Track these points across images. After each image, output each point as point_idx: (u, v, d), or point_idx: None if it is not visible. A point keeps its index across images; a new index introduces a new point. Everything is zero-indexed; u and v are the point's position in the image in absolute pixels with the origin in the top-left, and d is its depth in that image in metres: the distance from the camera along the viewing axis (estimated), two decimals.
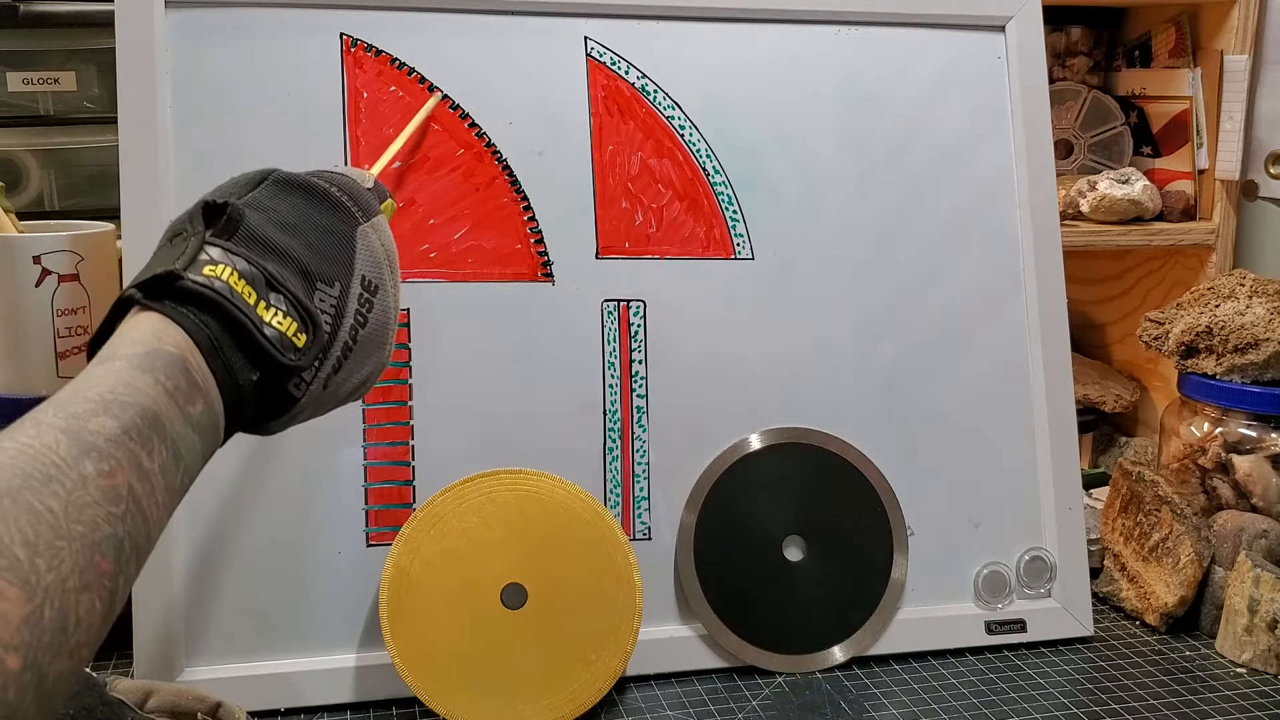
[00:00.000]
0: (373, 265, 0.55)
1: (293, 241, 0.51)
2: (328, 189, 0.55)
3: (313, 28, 0.80)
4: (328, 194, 0.55)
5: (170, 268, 0.46)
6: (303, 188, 0.54)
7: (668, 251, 0.84)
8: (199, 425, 0.44)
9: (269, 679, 0.75)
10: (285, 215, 0.52)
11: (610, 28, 0.84)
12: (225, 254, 0.48)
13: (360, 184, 0.59)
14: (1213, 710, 0.76)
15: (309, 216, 0.53)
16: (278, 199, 0.53)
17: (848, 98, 0.88)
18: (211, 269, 0.47)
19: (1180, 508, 0.87)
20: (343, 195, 0.56)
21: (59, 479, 0.37)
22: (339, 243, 0.54)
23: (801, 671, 0.81)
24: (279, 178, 0.55)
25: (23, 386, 0.79)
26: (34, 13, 0.91)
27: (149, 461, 0.41)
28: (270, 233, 0.50)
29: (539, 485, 0.77)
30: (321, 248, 0.52)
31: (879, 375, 0.86)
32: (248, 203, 0.51)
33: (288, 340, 0.48)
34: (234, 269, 0.48)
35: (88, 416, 0.39)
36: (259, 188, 0.53)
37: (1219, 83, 1.13)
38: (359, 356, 0.53)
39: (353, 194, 0.56)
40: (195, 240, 0.48)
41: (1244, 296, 0.96)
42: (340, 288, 0.52)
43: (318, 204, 0.54)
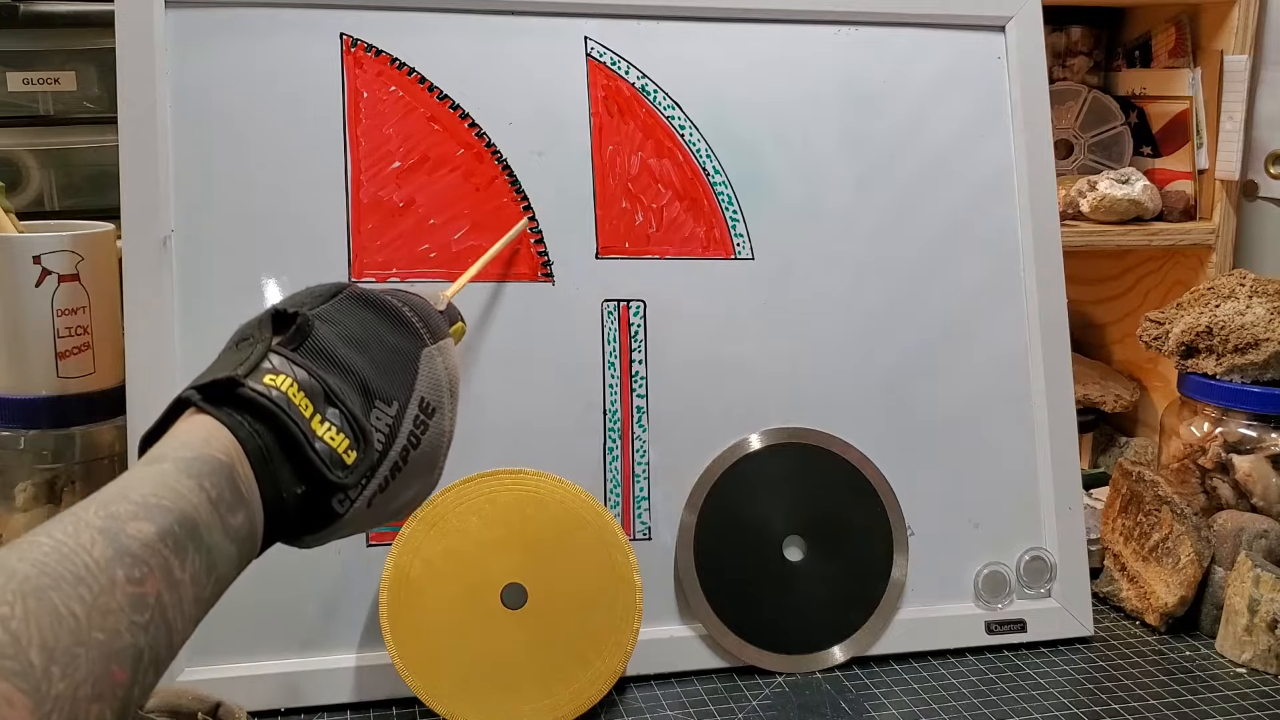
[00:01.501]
0: (433, 388, 0.55)
1: (357, 357, 0.51)
2: (399, 308, 0.55)
3: (313, 28, 0.80)
4: (399, 313, 0.55)
5: (231, 373, 0.46)
6: (375, 304, 0.55)
7: (668, 251, 0.84)
8: (237, 535, 0.44)
9: (269, 679, 0.75)
10: (354, 330, 0.52)
11: (610, 28, 0.84)
12: (287, 363, 0.48)
13: (432, 305, 0.59)
14: (1213, 710, 0.76)
15: (377, 333, 0.53)
16: (349, 313, 0.53)
17: (848, 98, 0.88)
18: (272, 378, 0.47)
19: (1180, 508, 0.87)
20: (413, 315, 0.56)
21: (88, 581, 0.37)
22: (403, 362, 0.53)
23: (801, 671, 0.81)
24: (353, 293, 0.55)
25: (23, 386, 0.79)
26: (34, 13, 0.91)
27: (181, 571, 0.40)
28: (336, 346, 0.50)
29: (539, 485, 0.77)
30: (385, 365, 0.52)
31: (879, 375, 0.86)
32: (318, 314, 0.52)
33: (337, 456, 0.48)
34: (294, 379, 0.47)
35: (127, 519, 0.39)
36: (332, 300, 0.53)
37: (1219, 83, 1.13)
38: (406, 478, 0.53)
39: (423, 315, 0.56)
40: (260, 347, 0.48)
41: (1244, 296, 0.96)
42: (398, 407, 0.52)
43: (387, 321, 0.54)
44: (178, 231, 0.77)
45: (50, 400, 0.80)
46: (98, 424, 0.82)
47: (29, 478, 0.81)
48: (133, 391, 0.75)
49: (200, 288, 0.77)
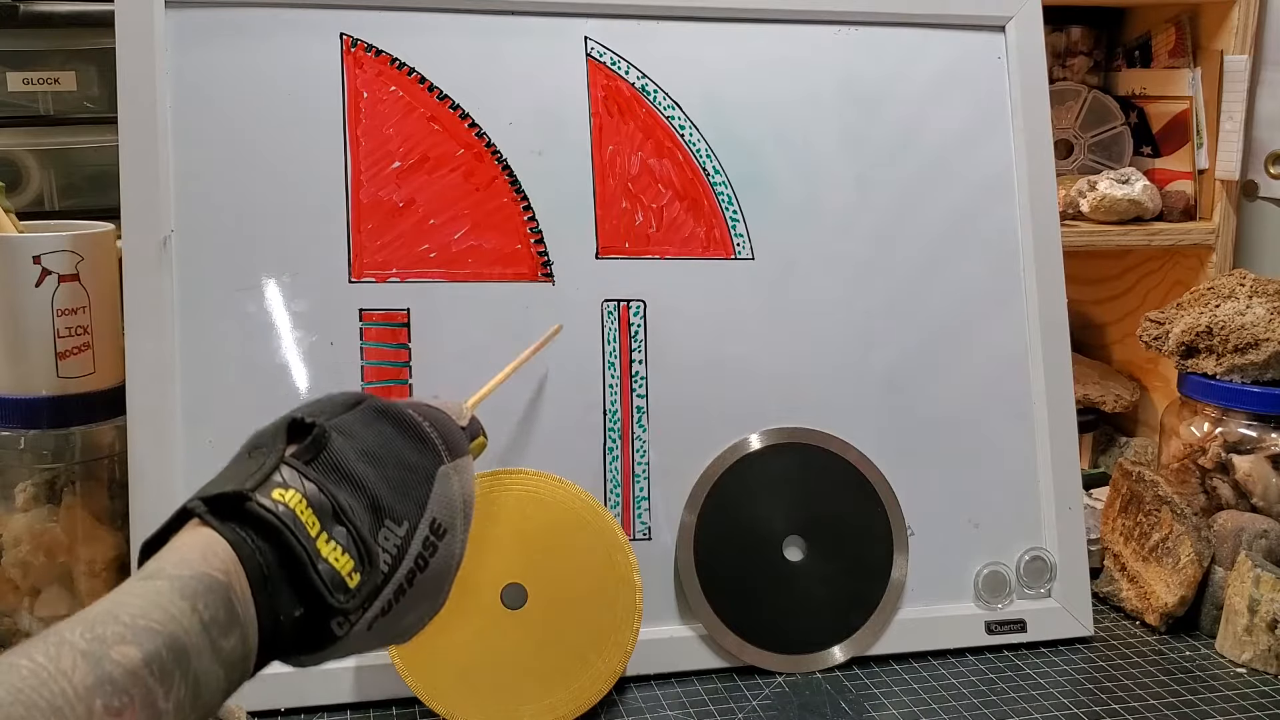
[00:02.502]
0: (446, 509, 0.53)
1: (371, 473, 0.50)
2: (419, 423, 0.54)
3: (313, 28, 0.80)
4: (418, 428, 0.54)
5: (240, 487, 0.45)
6: (395, 418, 0.53)
7: (668, 251, 0.84)
8: (228, 660, 0.43)
9: (269, 679, 0.75)
10: (370, 444, 0.51)
11: (610, 28, 0.84)
12: (298, 477, 0.47)
13: (454, 421, 0.58)
14: (1213, 710, 0.76)
15: (394, 449, 0.52)
16: (367, 426, 0.52)
17: (847, 98, 0.88)
18: (281, 492, 0.46)
19: (1180, 508, 0.87)
20: (433, 430, 0.54)
21: (64, 711, 0.36)
22: (418, 480, 0.52)
23: (801, 671, 0.81)
24: (374, 405, 0.54)
25: (23, 386, 0.79)
26: (34, 13, 0.91)
27: (165, 700, 0.39)
28: (350, 461, 0.49)
29: (539, 485, 0.77)
30: (399, 483, 0.51)
31: (879, 375, 0.86)
32: (336, 426, 0.51)
33: (340, 579, 0.46)
34: (303, 494, 0.46)
35: (113, 642, 0.38)
36: (351, 411, 0.53)
37: (1219, 83, 1.13)
38: (411, 601, 0.51)
39: (444, 431, 0.55)
40: (273, 458, 0.48)
41: (1244, 296, 0.96)
42: (408, 527, 0.51)
43: (406, 437, 0.53)
44: (178, 231, 0.77)
45: (50, 400, 0.79)
46: (98, 424, 0.82)
47: (29, 478, 0.81)
48: (133, 391, 0.75)
49: (200, 288, 0.77)
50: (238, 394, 0.77)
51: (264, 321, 0.78)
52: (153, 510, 0.74)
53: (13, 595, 0.82)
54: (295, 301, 0.78)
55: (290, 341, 0.78)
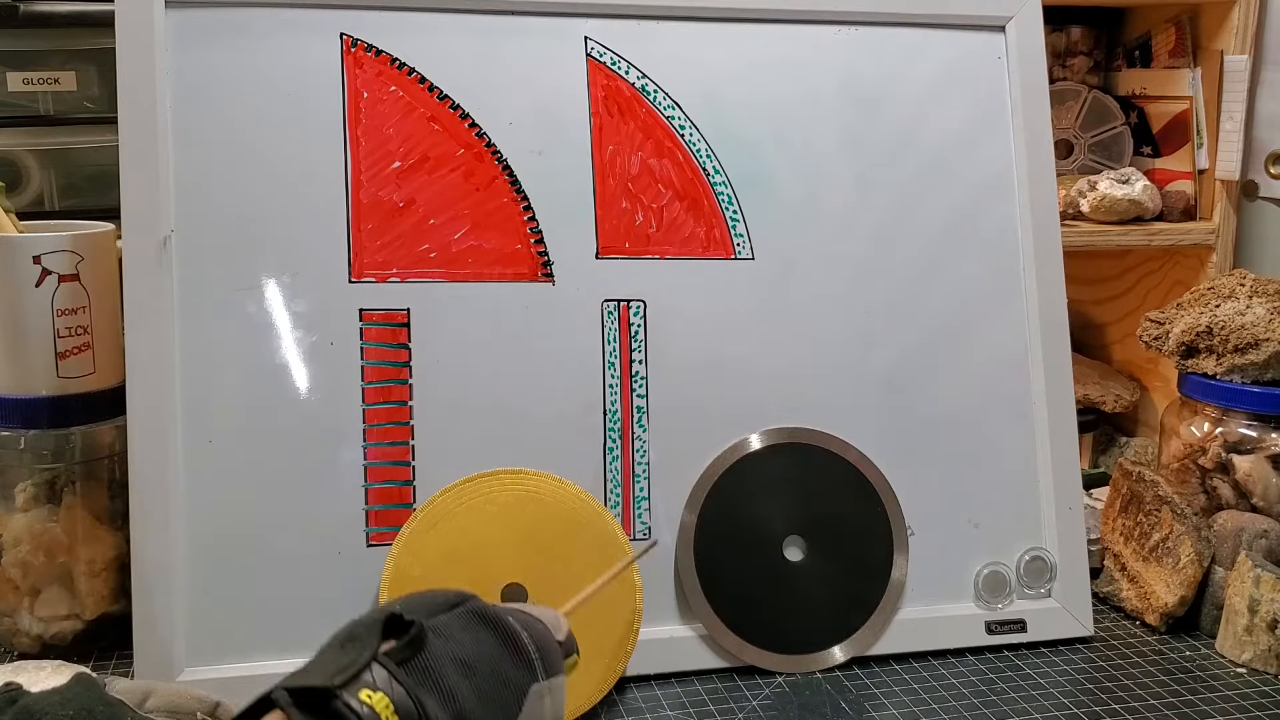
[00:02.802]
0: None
1: (463, 684, 0.49)
2: (518, 634, 0.53)
3: (313, 28, 0.80)
4: (517, 640, 0.53)
5: (328, 683, 0.44)
6: (495, 626, 0.53)
7: (668, 251, 0.84)
8: None
9: (269, 679, 0.75)
10: (467, 652, 0.50)
11: (610, 28, 0.84)
12: (389, 680, 0.46)
13: (553, 634, 0.56)
14: (1213, 710, 0.76)
15: (490, 660, 0.51)
16: (466, 631, 0.51)
17: (848, 98, 0.88)
18: (369, 694, 0.45)
19: (1180, 508, 0.87)
20: (531, 644, 0.53)
21: None
22: (509, 697, 0.51)
23: (801, 671, 0.81)
24: (474, 608, 0.53)
25: (23, 386, 0.79)
26: (34, 13, 0.91)
27: None
28: (444, 669, 0.48)
29: (539, 485, 0.77)
30: (489, 697, 0.50)
31: (879, 375, 0.86)
32: (434, 627, 0.50)
33: None
34: (390, 700, 0.45)
35: None
36: (452, 611, 0.52)
37: (1219, 83, 1.13)
38: None
39: (542, 646, 0.54)
40: (366, 654, 0.46)
41: (1244, 296, 0.96)
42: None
43: (504, 648, 0.52)
44: (178, 231, 0.77)
45: (50, 400, 0.80)
46: (98, 424, 0.82)
47: (29, 478, 0.81)
48: (133, 391, 0.75)
49: (200, 288, 0.77)
50: (238, 394, 0.77)
51: (264, 321, 0.78)
52: (153, 510, 0.74)
53: (13, 595, 0.82)
54: (295, 301, 0.78)
55: (290, 341, 0.78)
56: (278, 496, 0.77)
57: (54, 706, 0.55)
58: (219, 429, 0.76)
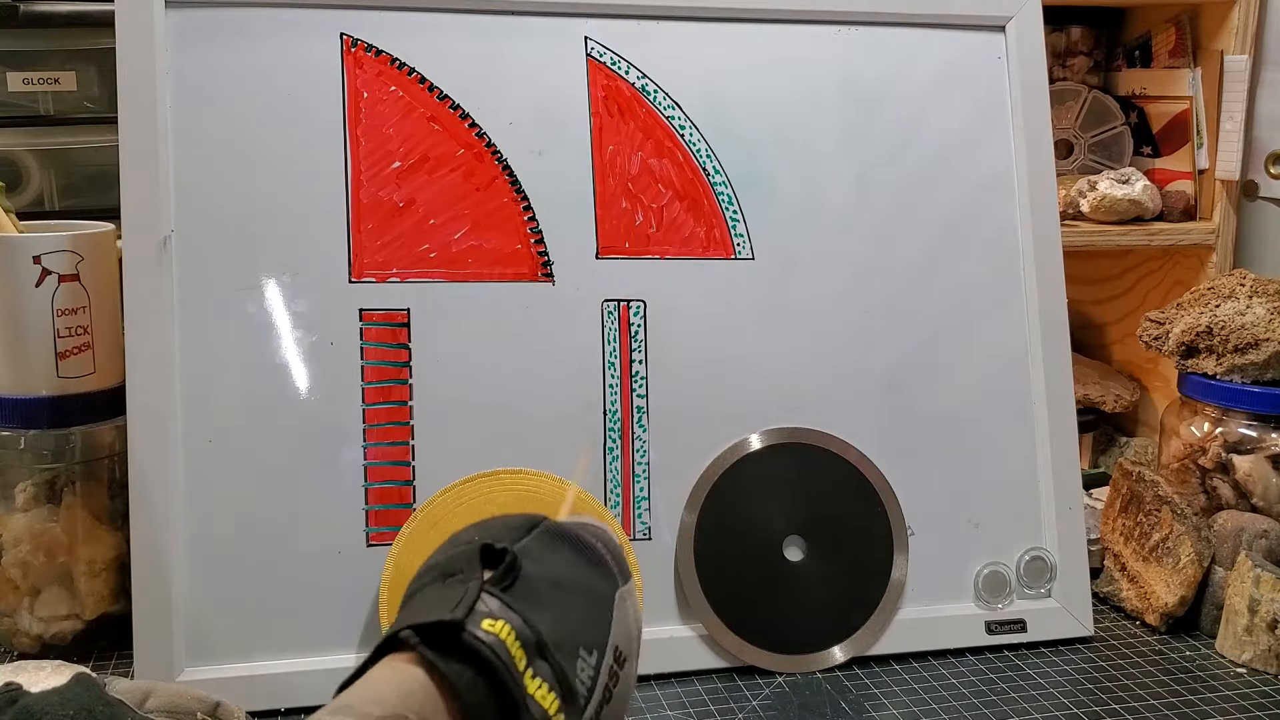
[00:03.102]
0: (625, 635, 0.52)
1: (563, 603, 0.48)
2: (594, 544, 0.53)
3: (313, 28, 0.80)
4: (594, 550, 0.53)
5: (454, 615, 0.44)
6: (573, 541, 0.52)
7: (668, 251, 0.84)
8: None
9: (269, 679, 0.75)
10: (558, 571, 0.50)
11: (610, 28, 0.84)
12: (504, 608, 0.45)
13: (614, 538, 0.56)
14: (1213, 710, 0.76)
15: (577, 575, 0.51)
16: (549, 551, 0.51)
17: (848, 98, 0.88)
18: (491, 624, 0.44)
19: (1180, 508, 0.87)
20: (607, 553, 0.53)
21: None
22: (601, 607, 0.51)
23: (801, 671, 0.81)
24: (549, 528, 0.53)
25: (23, 386, 0.79)
26: (34, 13, 0.91)
27: None
28: (544, 590, 0.48)
29: (539, 485, 0.77)
30: (586, 611, 0.50)
31: (879, 375, 0.86)
32: (522, 551, 0.49)
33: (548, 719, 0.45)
34: (511, 627, 0.45)
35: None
36: (530, 535, 0.51)
37: (1219, 83, 1.13)
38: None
39: (615, 554, 0.54)
40: (474, 585, 0.46)
41: (1244, 296, 0.96)
42: (597, 656, 0.49)
43: (585, 561, 0.52)
44: (178, 231, 0.77)
45: (50, 400, 0.80)
46: (98, 424, 0.82)
47: (29, 478, 0.81)
48: (133, 391, 0.75)
49: (200, 288, 0.77)
50: (238, 394, 0.77)
51: (264, 321, 0.78)
52: (153, 510, 0.74)
53: (13, 595, 0.82)
54: (295, 301, 0.78)
55: (290, 341, 0.78)
56: (278, 496, 0.77)
57: (54, 706, 0.55)
58: (219, 429, 0.76)
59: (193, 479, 0.76)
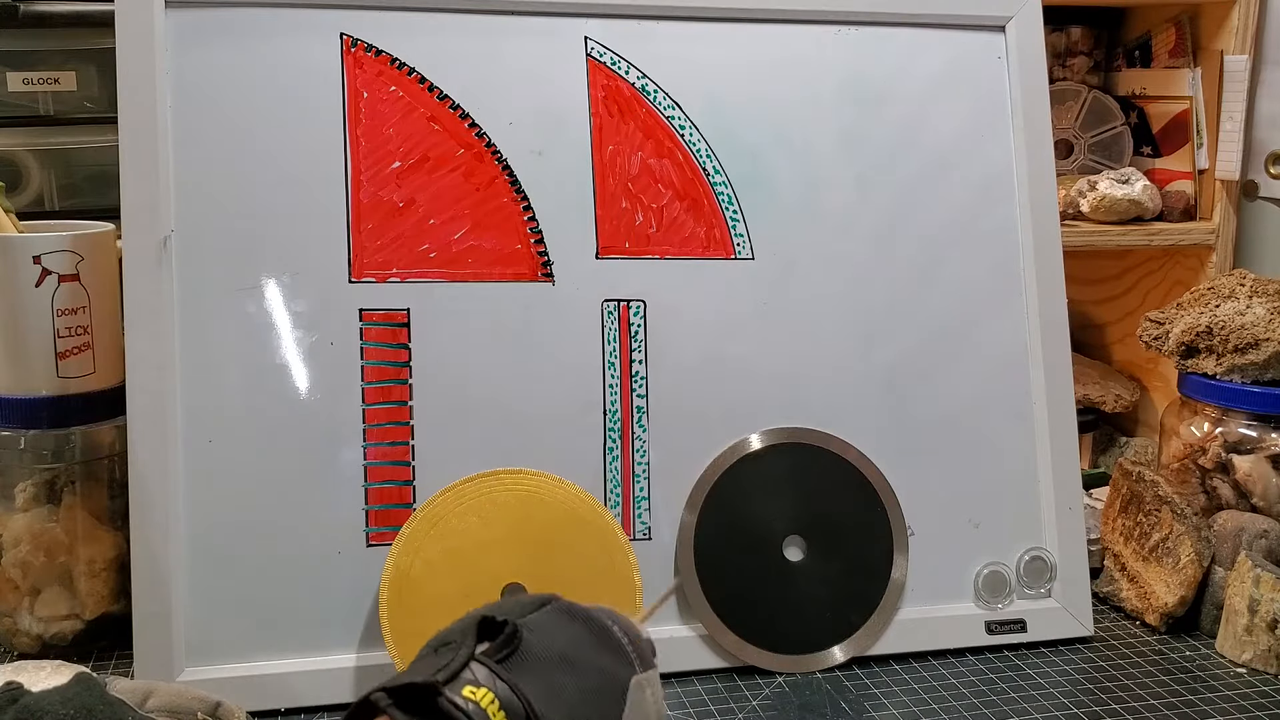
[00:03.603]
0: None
1: (565, 680, 0.47)
2: (609, 627, 0.51)
3: (313, 28, 0.80)
4: (609, 632, 0.51)
5: (431, 679, 0.42)
6: (584, 620, 0.51)
7: (668, 251, 0.84)
8: None
9: (269, 679, 0.75)
10: (564, 647, 0.48)
11: (610, 28, 0.84)
12: (491, 676, 0.44)
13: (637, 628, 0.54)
14: (1213, 710, 0.76)
15: (586, 654, 0.49)
16: (558, 627, 0.49)
17: (848, 98, 0.88)
18: (472, 690, 0.43)
19: (1180, 508, 0.87)
20: (624, 637, 0.52)
21: None
22: (612, 690, 0.49)
23: (801, 671, 0.81)
24: (561, 606, 0.51)
25: (23, 386, 0.79)
26: (34, 13, 0.91)
27: None
28: (545, 663, 0.46)
29: (539, 485, 0.77)
30: (593, 691, 0.48)
31: (879, 375, 0.86)
32: (527, 624, 0.48)
33: None
34: (495, 695, 0.43)
35: None
36: (540, 611, 0.50)
37: (1219, 83, 1.13)
38: None
39: (633, 638, 0.52)
40: (464, 654, 0.45)
41: (1244, 296, 0.96)
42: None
43: (598, 642, 0.50)
44: (178, 231, 0.77)
45: (50, 400, 0.80)
46: (98, 424, 0.82)
47: (29, 478, 0.81)
48: (133, 391, 0.75)
49: (200, 288, 0.77)
50: (238, 394, 0.77)
51: (264, 321, 0.78)
52: (153, 510, 0.74)
53: (13, 595, 0.82)
54: (295, 301, 0.78)
55: (290, 341, 0.78)
56: (278, 497, 0.77)
57: (54, 706, 0.55)
58: (219, 429, 0.76)
59: (193, 479, 0.76)
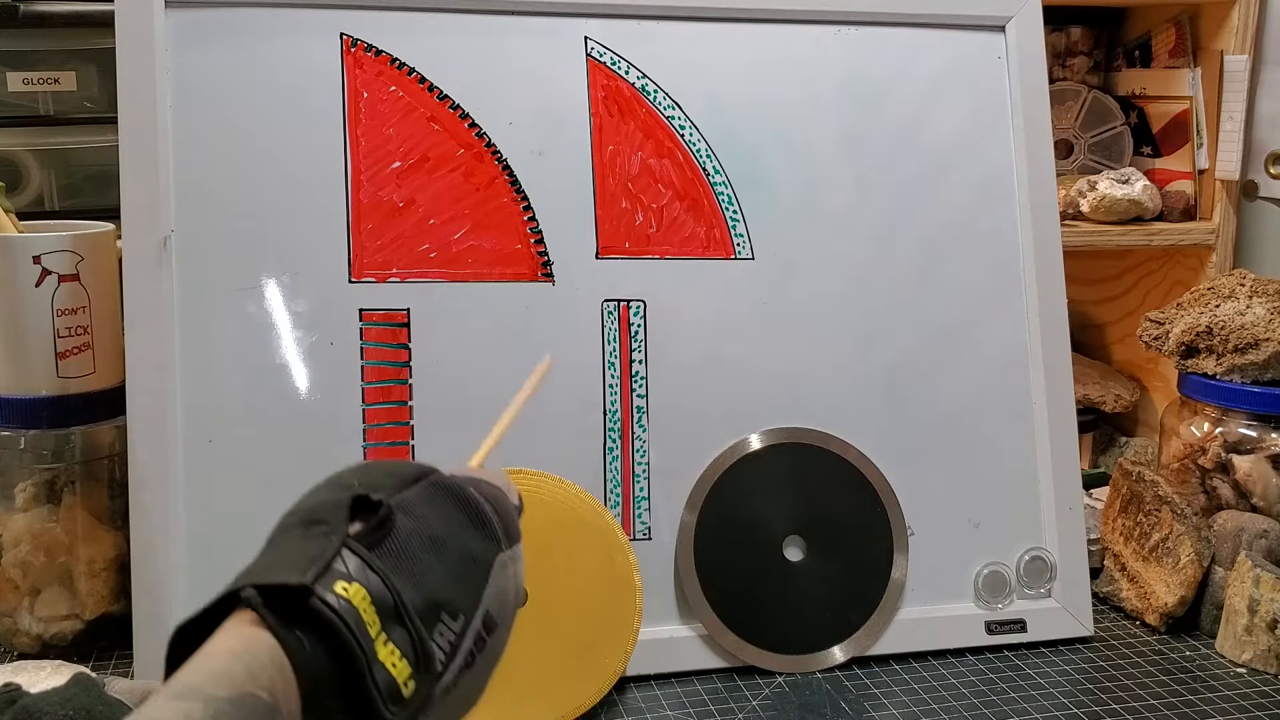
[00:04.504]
0: (500, 602, 0.50)
1: (435, 564, 0.46)
2: (481, 506, 0.51)
3: (313, 28, 0.80)
4: (480, 511, 0.50)
5: (302, 579, 0.41)
6: (458, 498, 0.50)
7: (668, 251, 0.84)
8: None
9: None
10: (435, 528, 0.47)
11: (610, 28, 0.84)
12: (362, 569, 0.43)
13: (509, 499, 0.54)
14: (1213, 710, 0.76)
15: (456, 534, 0.48)
16: (431, 506, 0.48)
17: (848, 98, 0.88)
18: (344, 586, 0.42)
19: (1180, 508, 0.87)
20: (494, 514, 0.51)
21: None
22: (477, 571, 0.48)
23: (801, 671, 0.81)
24: (436, 480, 0.50)
25: (23, 386, 0.79)
26: (34, 13, 0.91)
27: None
28: (415, 549, 0.45)
29: (539, 485, 0.77)
30: (459, 573, 0.47)
31: (879, 375, 0.86)
32: (400, 505, 0.47)
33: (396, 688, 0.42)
34: (366, 590, 0.42)
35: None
36: (414, 486, 0.49)
37: (1219, 83, 1.13)
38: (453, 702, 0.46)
39: (503, 514, 0.52)
40: (335, 540, 0.43)
41: (1244, 296, 0.96)
42: (463, 621, 0.46)
43: (468, 520, 0.50)
44: (178, 231, 0.77)
45: (50, 400, 0.80)
46: (98, 424, 0.82)
47: (29, 478, 0.81)
48: (133, 391, 0.75)
49: (200, 288, 0.77)
50: (238, 394, 0.77)
51: (264, 321, 0.78)
52: (153, 510, 0.74)
53: (13, 595, 0.82)
54: (295, 301, 0.78)
55: (290, 341, 0.78)
56: (278, 496, 0.76)
57: (53, 706, 0.55)
58: (219, 429, 0.76)
59: (193, 479, 0.76)
